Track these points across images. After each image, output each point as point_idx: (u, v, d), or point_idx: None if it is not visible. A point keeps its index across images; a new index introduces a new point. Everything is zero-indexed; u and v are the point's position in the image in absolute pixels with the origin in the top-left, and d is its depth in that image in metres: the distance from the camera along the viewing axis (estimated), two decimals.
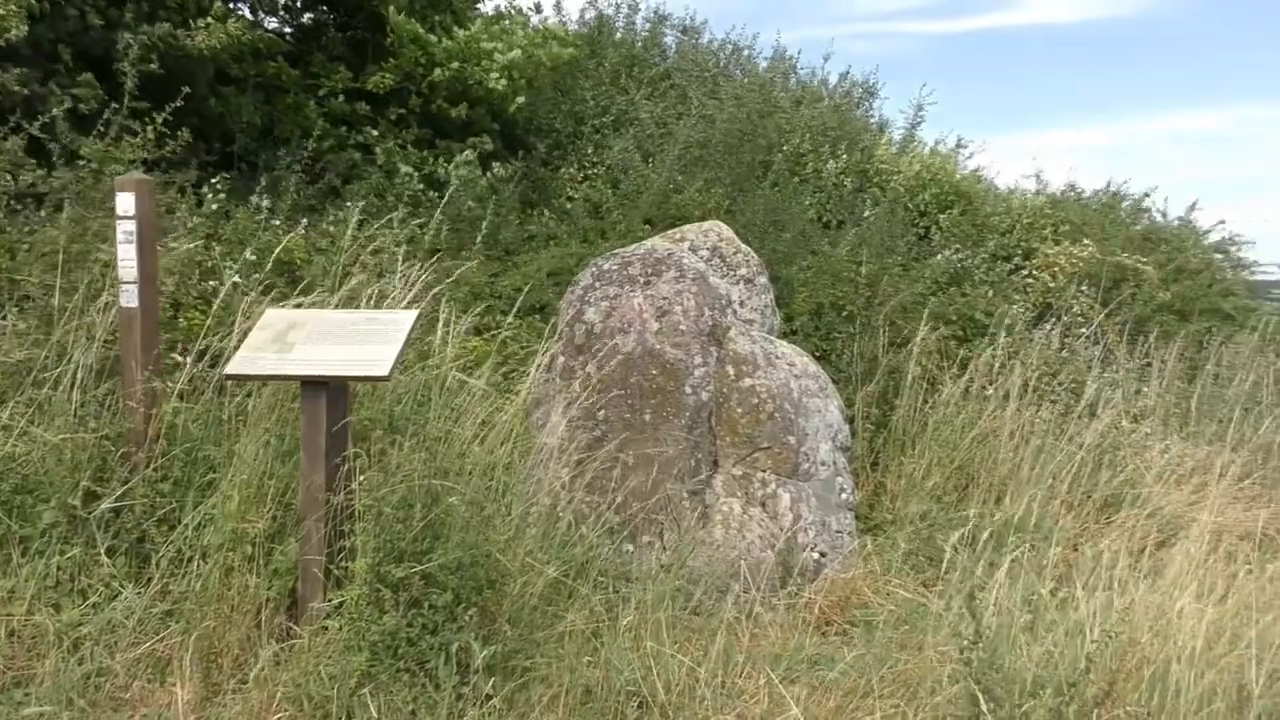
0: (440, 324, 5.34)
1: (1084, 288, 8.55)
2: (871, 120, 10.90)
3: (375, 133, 7.56)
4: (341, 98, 7.62)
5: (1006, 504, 5.94)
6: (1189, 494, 6.45)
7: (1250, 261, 11.47)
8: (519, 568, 4.06)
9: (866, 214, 8.11)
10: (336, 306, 5.09)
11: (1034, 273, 8.52)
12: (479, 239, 6.69)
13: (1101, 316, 8.36)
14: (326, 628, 3.62)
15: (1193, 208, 11.22)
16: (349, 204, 6.31)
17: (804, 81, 11.00)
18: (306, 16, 8.35)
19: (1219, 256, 11.20)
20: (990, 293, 7.76)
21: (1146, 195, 11.19)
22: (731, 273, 5.79)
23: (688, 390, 5.14)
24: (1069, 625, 4.09)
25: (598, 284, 5.39)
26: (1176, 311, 9.43)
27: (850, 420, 6.08)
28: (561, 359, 5.36)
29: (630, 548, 4.87)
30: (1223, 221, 11.26)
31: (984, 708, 3.23)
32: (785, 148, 8.66)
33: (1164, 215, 11.31)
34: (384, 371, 3.89)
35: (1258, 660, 3.85)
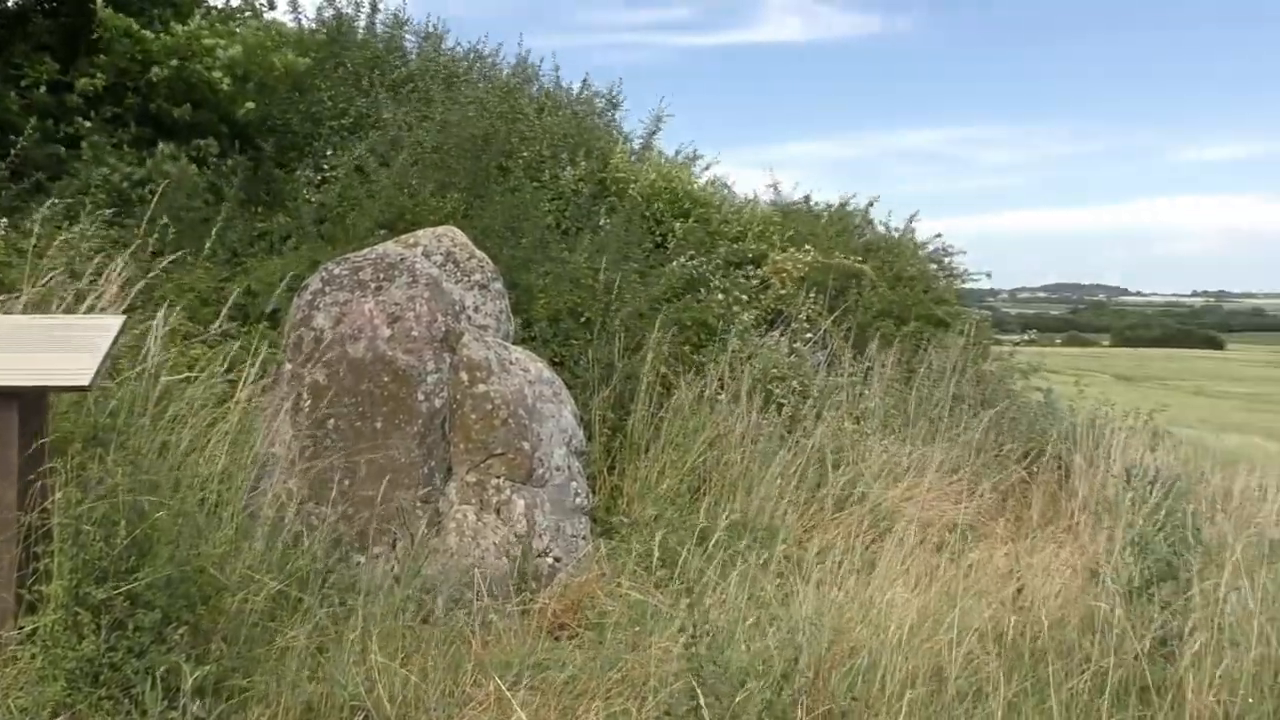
0: (155, 329, 5.07)
1: (812, 294, 8.96)
2: (613, 129, 11.07)
3: (87, 124, 7.07)
4: (44, 89, 7.09)
5: (737, 505, 6.15)
6: (904, 490, 6.87)
7: (961, 270, 12.30)
8: (238, 582, 3.89)
9: (603, 221, 8.22)
10: (26, 311, 4.74)
11: (764, 279, 8.86)
12: (208, 242, 6.39)
13: (828, 322, 8.79)
14: (18, 657, 3.36)
15: (912, 219, 11.92)
16: (54, 201, 5.89)
17: (547, 89, 11.06)
18: (12, 1, 7.74)
19: (934, 266, 11.96)
20: (723, 298, 8.01)
21: (870, 206, 11.83)
22: (466, 278, 5.75)
23: (420, 397, 5.07)
24: (789, 619, 4.29)
25: (327, 289, 5.24)
26: (895, 317, 10.01)
27: (586, 425, 6.15)
28: (289, 366, 5.18)
29: (360, 559, 4.76)
30: (939, 235, 12.00)
31: (702, 702, 3.33)
32: (525, 154, 8.68)
33: (886, 227, 11.97)
34: (85, 381, 3.64)
35: (956, 643, 4.14)
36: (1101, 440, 7.98)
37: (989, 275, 13.02)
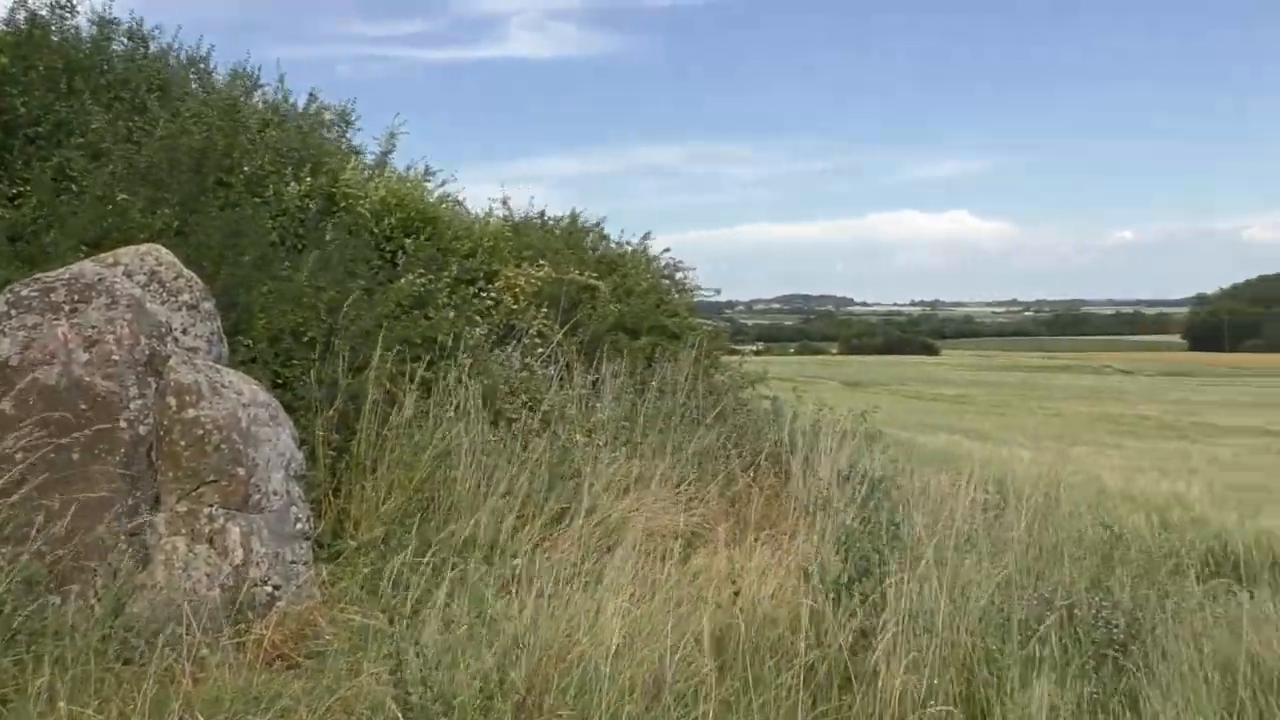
0: None
1: (545, 309, 9.04)
2: (343, 144, 10.79)
3: None
4: None
5: (466, 522, 6.12)
6: (632, 501, 7.03)
7: (693, 284, 12.71)
8: None
9: (329, 238, 8.01)
10: None
11: (496, 295, 8.87)
12: None
13: (560, 336, 8.89)
14: None
15: (646, 236, 12.21)
16: None
17: (273, 101, 10.67)
18: None
19: (666, 280, 12.30)
20: (453, 315, 7.97)
21: (602, 222, 12.04)
22: (173, 299, 5.48)
23: (124, 425, 4.80)
24: (509, 635, 4.31)
25: (14, 312, 4.88)
26: (629, 331, 10.22)
27: (310, 447, 5.99)
28: None
29: (55, 600, 4.45)
30: (668, 249, 12.35)
31: None
32: (246, 169, 8.35)
33: (619, 243, 12.21)
34: None
35: (673, 650, 4.27)
36: (818, 444, 8.41)
37: (719, 291, 13.53)
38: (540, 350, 8.56)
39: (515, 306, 8.95)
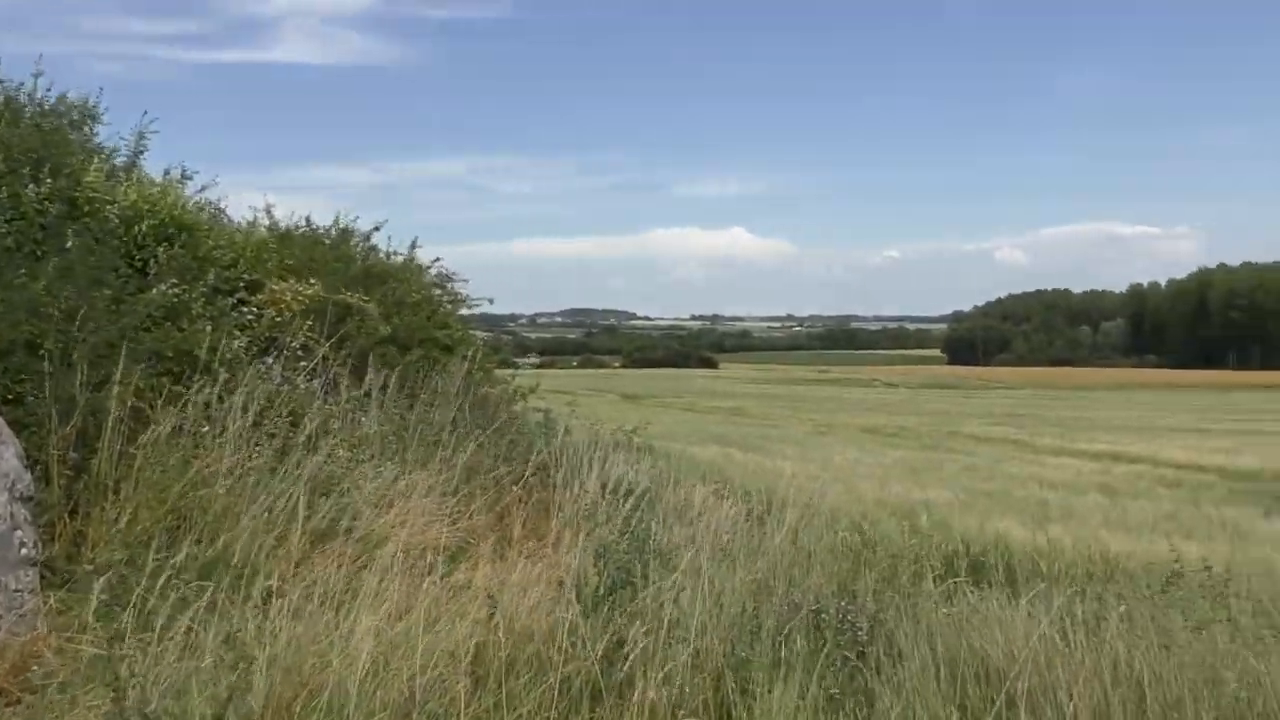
0: None
1: (310, 322, 8.78)
2: (89, 144, 10.19)
3: None
4: None
5: (219, 542, 5.88)
6: (395, 516, 6.90)
7: (465, 296, 12.64)
8: None
9: (70, 244, 7.54)
10: None
11: (258, 308, 8.57)
12: None
13: (325, 349, 8.65)
14: None
15: (414, 245, 12.06)
16: None
17: (10, 94, 9.97)
18: None
19: (438, 291, 12.19)
20: (210, 328, 7.64)
21: (374, 231, 11.81)
22: None
23: None
24: (261, 657, 4.16)
25: None
26: (398, 343, 10.06)
27: (43, 467, 5.63)
28: None
29: None
30: (439, 259, 12.25)
31: None
32: None
33: (390, 254, 12.01)
34: None
35: (426, 668, 4.22)
36: (587, 457, 8.50)
37: (492, 301, 13.47)
38: (304, 363, 8.31)
39: (279, 319, 8.67)
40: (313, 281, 9.29)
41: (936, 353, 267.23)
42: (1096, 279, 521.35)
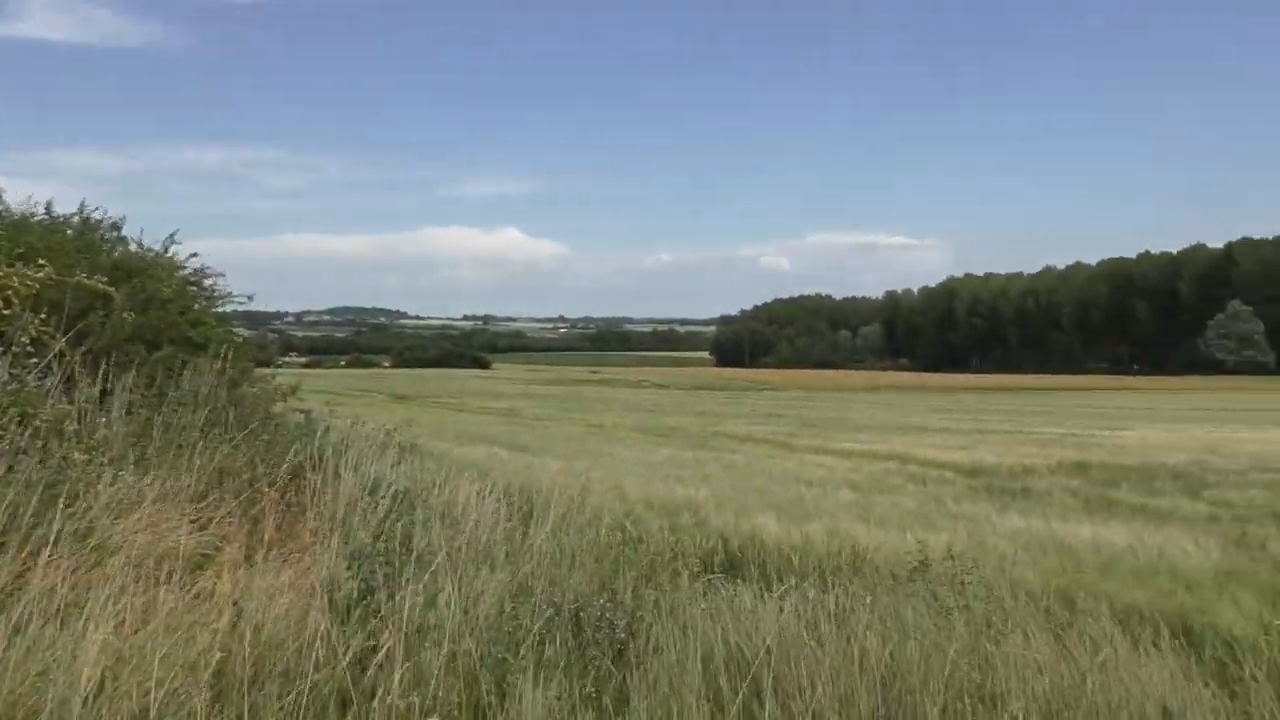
0: None
1: (43, 315, 8.18)
2: None
3: None
4: None
5: None
6: (136, 521, 6.51)
7: (223, 292, 12.08)
8: None
9: None
10: None
11: None
12: None
13: (61, 343, 8.08)
14: None
15: (171, 238, 11.45)
16: None
17: None
18: None
19: (193, 287, 11.60)
20: None
21: (121, 222, 11.15)
22: None
23: None
24: None
25: None
26: (147, 341, 9.53)
27: None
28: None
29: None
30: (195, 254, 11.66)
31: None
32: None
33: (141, 245, 11.36)
34: None
35: (162, 682, 3.99)
36: (347, 458, 8.27)
37: (251, 298, 12.89)
38: (35, 360, 7.73)
39: (7, 312, 8.02)
40: (42, 263, 8.65)
41: (706, 355, 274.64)
42: (856, 286, 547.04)
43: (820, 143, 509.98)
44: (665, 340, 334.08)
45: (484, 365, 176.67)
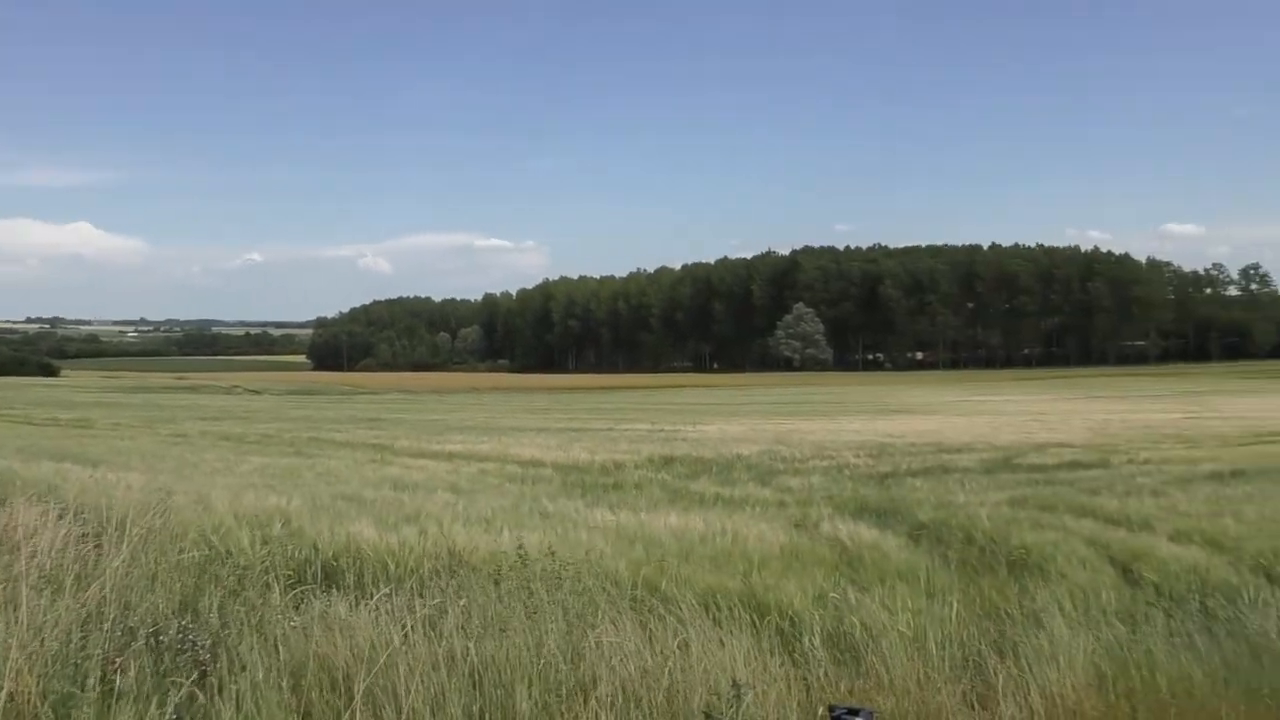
0: None
1: None
2: None
3: None
4: None
5: None
6: None
7: None
8: None
9: None
10: None
11: None
12: None
13: None
14: None
15: None
16: None
17: None
18: None
19: None
20: None
21: None
22: None
23: None
24: None
25: None
26: None
27: None
28: None
29: None
30: None
31: None
32: None
33: None
34: None
35: None
36: None
37: None
38: None
39: None
40: None
41: (302, 358, 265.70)
42: (456, 288, 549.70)
43: (423, 144, 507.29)
44: (258, 344, 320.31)
45: (51, 372, 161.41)
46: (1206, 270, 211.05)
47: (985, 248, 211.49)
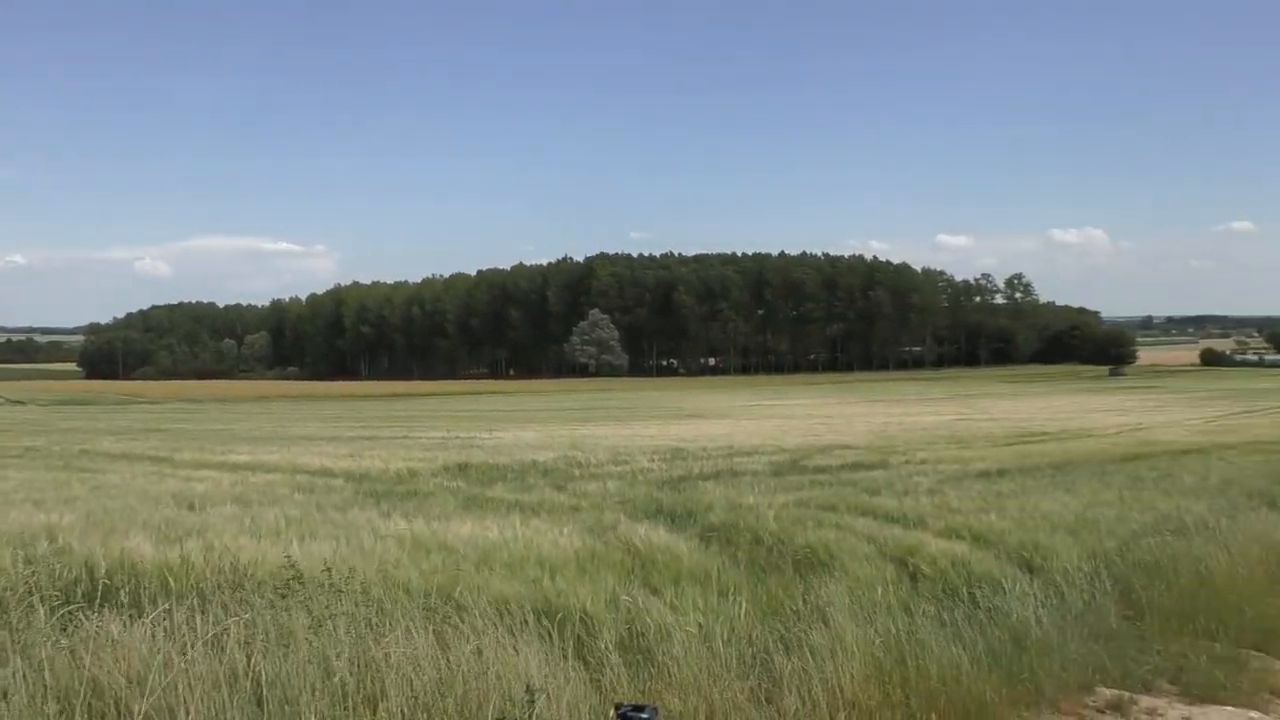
0: None
1: None
2: None
3: None
4: None
5: None
6: None
7: None
8: None
9: None
10: None
11: None
12: None
13: None
14: None
15: None
16: None
17: None
18: None
19: None
20: None
21: None
22: None
23: None
24: None
25: None
26: None
27: None
28: None
29: None
30: None
31: None
32: None
33: None
34: None
35: None
36: None
37: None
38: None
39: None
40: None
41: (73, 366, 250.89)
42: (242, 293, 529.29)
43: (196, 142, 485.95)
44: (22, 351, 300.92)
45: None
46: (976, 280, 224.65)
47: (774, 255, 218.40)
